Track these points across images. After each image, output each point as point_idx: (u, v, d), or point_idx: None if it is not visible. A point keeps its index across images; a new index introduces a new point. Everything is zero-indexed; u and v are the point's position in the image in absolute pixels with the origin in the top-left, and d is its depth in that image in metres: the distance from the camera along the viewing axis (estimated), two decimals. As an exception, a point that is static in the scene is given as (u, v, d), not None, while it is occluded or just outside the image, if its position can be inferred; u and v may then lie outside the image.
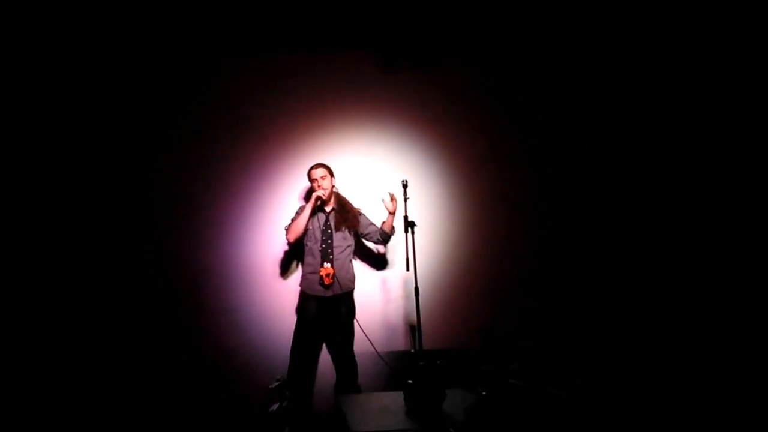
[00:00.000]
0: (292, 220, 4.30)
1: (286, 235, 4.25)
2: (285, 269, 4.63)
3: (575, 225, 4.93)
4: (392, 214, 4.31)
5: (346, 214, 4.31)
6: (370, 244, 4.61)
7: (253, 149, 4.76)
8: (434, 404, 3.29)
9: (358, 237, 4.45)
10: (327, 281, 4.14)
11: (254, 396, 4.24)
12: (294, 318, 4.32)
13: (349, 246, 4.30)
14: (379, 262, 4.72)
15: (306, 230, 4.23)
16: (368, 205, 4.57)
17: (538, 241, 4.90)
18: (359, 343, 4.35)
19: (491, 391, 3.00)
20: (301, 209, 4.32)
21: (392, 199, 4.30)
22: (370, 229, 4.41)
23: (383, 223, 4.35)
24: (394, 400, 3.49)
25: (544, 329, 4.68)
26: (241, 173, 4.73)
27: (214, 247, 4.62)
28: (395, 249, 4.62)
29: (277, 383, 3.92)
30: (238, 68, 4.84)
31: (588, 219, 4.94)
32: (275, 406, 3.84)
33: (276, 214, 4.55)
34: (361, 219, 4.41)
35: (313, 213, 4.23)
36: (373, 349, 4.34)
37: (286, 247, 4.52)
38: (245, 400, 4.34)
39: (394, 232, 4.38)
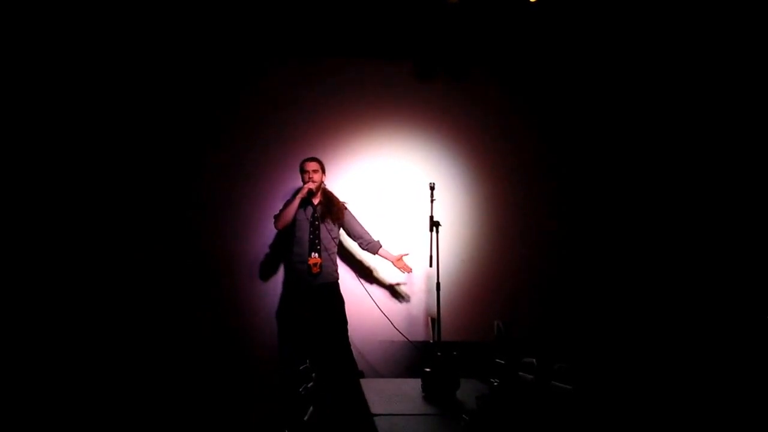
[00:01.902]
0: (281, 210, 4.36)
1: (275, 223, 4.33)
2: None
3: (592, 228, 4.97)
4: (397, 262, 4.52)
5: (332, 208, 4.36)
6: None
7: (283, 150, 4.80)
8: (449, 392, 3.36)
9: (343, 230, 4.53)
10: (315, 270, 4.23)
11: (282, 378, 4.33)
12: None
13: (334, 238, 4.38)
14: (404, 258, 4.77)
15: (295, 221, 4.29)
16: (394, 208, 4.73)
17: (555, 244, 4.95)
18: (382, 331, 4.54)
19: (502, 382, 3.03)
20: (289, 201, 4.36)
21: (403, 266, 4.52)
22: (357, 231, 4.47)
23: (381, 249, 4.50)
24: (412, 386, 3.58)
25: (557, 326, 4.78)
26: (269, 174, 4.80)
27: (244, 243, 4.73)
28: (420, 247, 4.68)
29: (306, 365, 3.84)
30: (274, 71, 4.88)
31: (605, 222, 4.96)
32: (303, 387, 3.90)
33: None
34: (347, 214, 4.45)
35: (303, 204, 4.29)
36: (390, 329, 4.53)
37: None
38: (274, 381, 4.42)
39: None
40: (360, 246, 4.56)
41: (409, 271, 4.53)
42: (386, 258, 4.54)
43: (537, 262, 4.93)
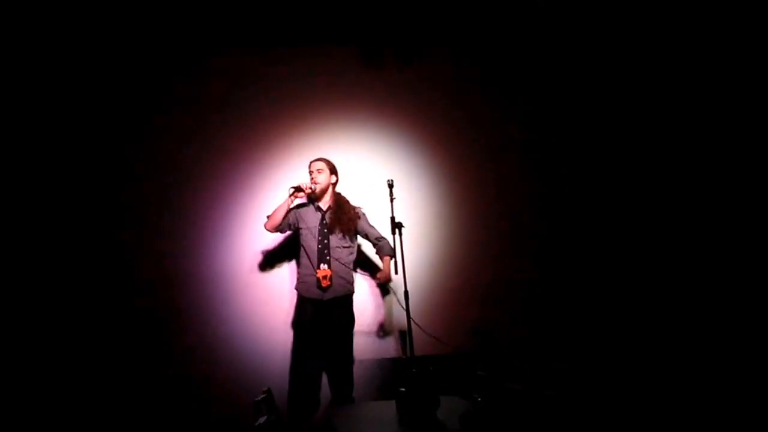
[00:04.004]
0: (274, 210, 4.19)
1: (265, 224, 4.12)
2: (268, 276, 4.53)
3: (565, 224, 4.89)
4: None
5: (341, 216, 4.12)
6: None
7: (232, 148, 4.67)
8: (428, 412, 3.19)
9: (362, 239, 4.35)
10: (324, 283, 3.97)
11: (241, 409, 4.06)
12: (285, 326, 4.30)
13: (347, 248, 4.13)
14: (366, 264, 4.61)
15: (300, 229, 4.10)
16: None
17: (528, 241, 4.85)
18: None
19: (486, 396, 2.96)
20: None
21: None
22: (370, 232, 4.25)
23: (386, 257, 4.20)
24: (387, 409, 3.38)
25: (536, 330, 4.64)
26: (221, 172, 4.65)
27: (196, 252, 4.53)
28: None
29: (263, 395, 3.72)
30: (218, 65, 4.77)
31: (578, 218, 4.90)
32: (263, 419, 3.62)
33: (258, 214, 4.36)
34: (361, 221, 4.23)
35: (308, 202, 4.13)
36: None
37: (269, 248, 4.50)
38: (232, 413, 4.20)
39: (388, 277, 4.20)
40: (377, 251, 4.31)
41: (380, 281, 4.26)
42: (382, 264, 4.25)
43: (510, 260, 4.80)
